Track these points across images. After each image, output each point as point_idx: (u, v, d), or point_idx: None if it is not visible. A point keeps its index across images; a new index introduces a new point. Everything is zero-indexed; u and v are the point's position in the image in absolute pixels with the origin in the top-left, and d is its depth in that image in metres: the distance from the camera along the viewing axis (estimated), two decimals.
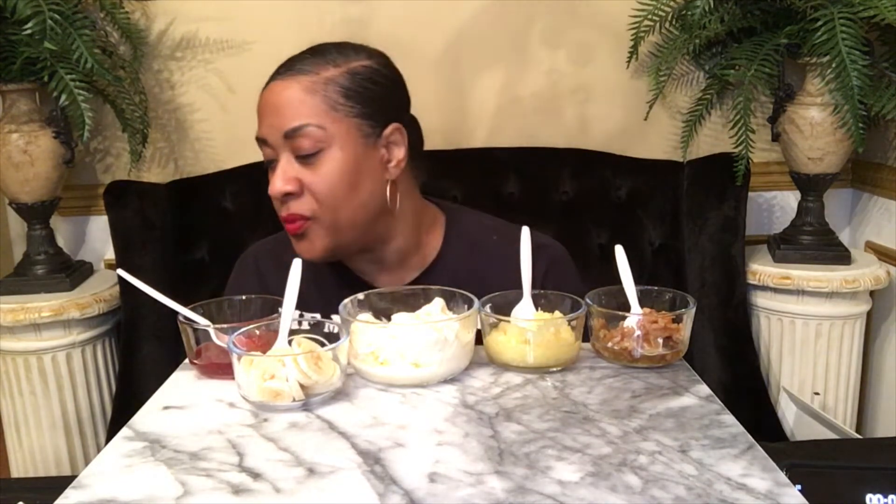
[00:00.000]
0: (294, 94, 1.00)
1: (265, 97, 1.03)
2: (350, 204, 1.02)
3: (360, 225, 1.04)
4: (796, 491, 0.61)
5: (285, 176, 1.00)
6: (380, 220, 1.05)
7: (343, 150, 1.00)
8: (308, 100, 1.00)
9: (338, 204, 1.01)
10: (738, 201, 1.71)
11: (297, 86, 1.01)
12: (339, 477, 0.64)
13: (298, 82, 1.01)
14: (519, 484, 0.62)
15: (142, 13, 1.78)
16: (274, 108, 1.01)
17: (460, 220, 1.15)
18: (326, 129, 1.00)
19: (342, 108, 1.01)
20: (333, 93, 1.01)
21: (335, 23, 1.78)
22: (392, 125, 1.04)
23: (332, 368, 0.77)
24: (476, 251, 1.12)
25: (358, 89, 1.02)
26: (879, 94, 1.53)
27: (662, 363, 0.85)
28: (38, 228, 1.71)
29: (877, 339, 1.86)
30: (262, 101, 1.04)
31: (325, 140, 0.99)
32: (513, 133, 1.84)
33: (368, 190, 1.03)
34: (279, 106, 1.01)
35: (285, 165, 1.01)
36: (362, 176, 1.02)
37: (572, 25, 1.82)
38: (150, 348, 1.64)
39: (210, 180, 1.78)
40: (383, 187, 1.04)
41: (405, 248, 1.10)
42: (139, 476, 0.66)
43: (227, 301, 0.93)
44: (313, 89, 1.00)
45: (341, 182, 1.01)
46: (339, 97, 1.01)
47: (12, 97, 1.63)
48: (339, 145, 1.00)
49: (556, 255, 1.12)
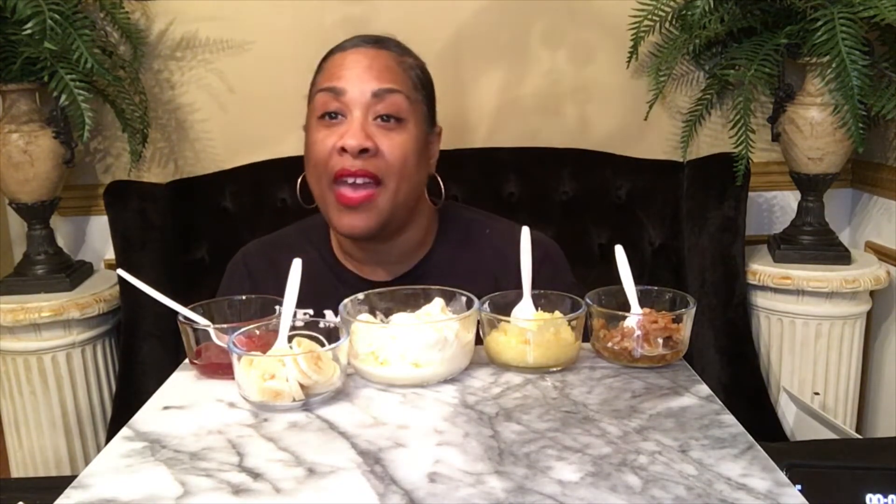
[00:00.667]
0: (388, 62, 1.04)
1: (351, 56, 1.04)
2: (412, 180, 1.04)
3: (409, 206, 1.06)
4: (796, 491, 0.61)
5: (364, 132, 1.00)
6: (412, 208, 1.08)
7: (416, 128, 1.05)
8: (400, 72, 1.04)
9: (406, 174, 1.03)
10: (738, 201, 1.71)
11: (389, 57, 1.05)
12: (339, 477, 0.64)
13: (390, 55, 1.05)
14: (519, 484, 0.62)
15: (142, 13, 1.78)
16: (366, 66, 1.02)
17: (452, 215, 1.17)
18: (411, 104, 1.04)
19: (419, 93, 1.06)
20: (415, 77, 1.06)
21: (335, 23, 1.78)
22: (438, 126, 1.12)
23: (332, 368, 0.77)
24: (467, 245, 1.14)
25: (426, 84, 1.09)
26: (879, 94, 1.53)
27: (662, 363, 0.85)
28: (38, 228, 1.71)
29: (877, 339, 1.86)
30: (345, 59, 1.04)
31: (407, 113, 1.03)
32: (513, 133, 1.84)
33: (422, 175, 1.08)
34: (372, 66, 1.02)
35: (363, 123, 1.01)
36: (421, 160, 1.06)
37: (572, 25, 1.82)
38: (150, 348, 1.64)
39: (210, 180, 1.78)
40: (426, 178, 1.10)
41: (412, 241, 1.12)
42: (139, 476, 0.65)
43: (227, 301, 0.92)
44: (403, 67, 1.05)
45: (412, 156, 1.03)
46: (417, 82, 1.06)
47: (12, 97, 1.63)
48: (415, 123, 1.04)
49: (549, 250, 1.15)
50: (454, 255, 1.13)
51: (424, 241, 1.13)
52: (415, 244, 1.12)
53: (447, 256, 1.13)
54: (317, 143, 1.03)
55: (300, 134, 1.09)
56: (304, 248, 1.14)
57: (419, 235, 1.12)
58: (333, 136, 1.01)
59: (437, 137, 1.13)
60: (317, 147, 1.03)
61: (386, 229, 1.06)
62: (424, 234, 1.13)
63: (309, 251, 1.14)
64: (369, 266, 1.12)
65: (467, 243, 1.14)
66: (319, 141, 1.02)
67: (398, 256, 1.12)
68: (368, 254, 1.11)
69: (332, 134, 1.01)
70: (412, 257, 1.13)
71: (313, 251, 1.15)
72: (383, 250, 1.10)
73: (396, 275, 1.11)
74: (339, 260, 1.14)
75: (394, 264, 1.12)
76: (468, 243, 1.14)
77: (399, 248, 1.11)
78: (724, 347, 1.70)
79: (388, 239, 1.09)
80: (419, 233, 1.12)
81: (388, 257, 1.11)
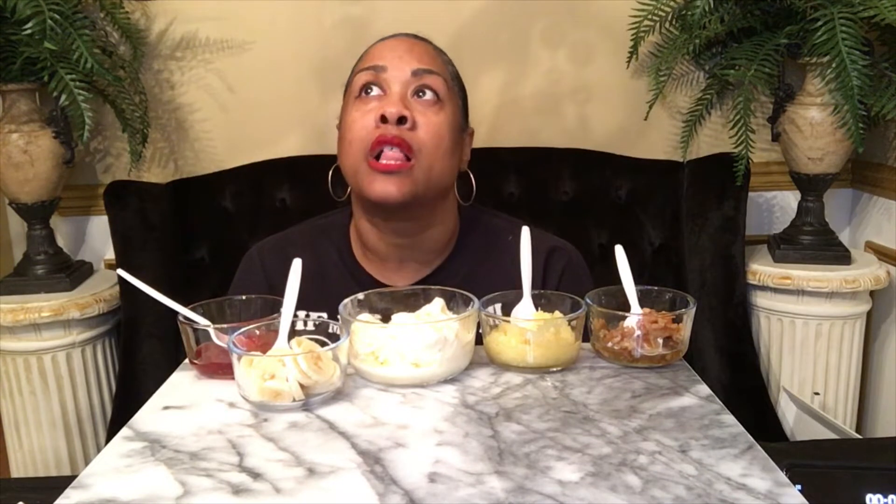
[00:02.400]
0: (429, 49, 1.08)
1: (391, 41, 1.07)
2: (445, 161, 1.04)
3: (440, 188, 1.06)
4: (796, 491, 0.61)
5: (404, 102, 1.01)
6: (442, 199, 1.08)
7: (452, 115, 1.06)
8: (439, 60, 1.07)
9: (440, 154, 1.03)
10: (738, 201, 1.71)
11: (429, 47, 1.08)
12: (339, 477, 0.64)
13: (429, 46, 1.08)
14: (519, 484, 0.62)
15: (142, 13, 1.78)
16: (408, 48, 1.05)
17: (475, 220, 1.15)
18: (448, 89, 1.05)
19: (455, 86, 1.09)
20: (452, 72, 1.09)
21: (335, 23, 1.78)
22: (471, 127, 1.13)
23: (332, 368, 0.77)
24: (488, 253, 1.11)
25: (460, 83, 1.11)
26: (879, 94, 1.53)
27: (662, 363, 0.85)
28: (38, 228, 1.71)
29: (877, 339, 1.86)
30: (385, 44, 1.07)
31: (445, 95, 1.04)
32: (513, 133, 1.84)
33: (454, 163, 1.08)
34: (413, 49, 1.05)
35: (402, 95, 1.02)
36: (455, 148, 1.07)
37: (572, 25, 1.82)
38: (150, 348, 1.64)
39: (210, 180, 1.78)
40: (457, 170, 1.09)
41: (438, 240, 1.11)
42: (139, 476, 0.65)
43: (227, 301, 0.92)
44: (442, 59, 1.09)
45: (447, 138, 1.04)
46: (452, 79, 1.08)
47: (12, 97, 1.63)
48: (451, 110, 1.06)
49: (572, 258, 1.13)
50: (474, 264, 1.11)
51: (447, 244, 1.12)
52: (440, 245, 1.11)
53: (466, 265, 1.11)
54: (356, 122, 1.02)
55: (300, 134, 1.10)
56: (322, 247, 1.14)
57: (445, 236, 1.11)
58: (372, 111, 1.01)
59: (470, 138, 1.14)
60: (356, 125, 1.02)
61: (418, 204, 1.03)
62: (449, 237, 1.12)
63: (329, 250, 1.13)
64: (392, 264, 1.10)
65: (488, 251, 1.12)
66: (358, 119, 1.02)
67: (423, 255, 1.10)
68: (394, 249, 1.08)
69: (370, 110, 1.01)
70: (432, 262, 1.11)
71: (333, 251, 1.13)
72: (409, 245, 1.08)
73: (413, 281, 1.09)
74: (359, 262, 1.12)
75: (415, 266, 1.10)
76: (489, 251, 1.12)
77: (426, 245, 1.09)
78: (724, 347, 1.70)
79: (416, 233, 1.07)
80: (445, 233, 1.11)
81: (413, 254, 1.09)
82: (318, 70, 1.79)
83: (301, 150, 1.79)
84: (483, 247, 1.12)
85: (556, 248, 1.12)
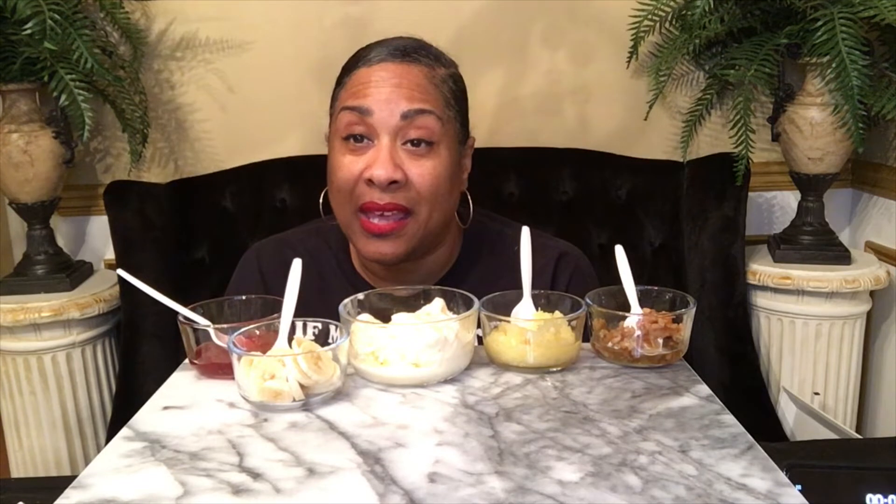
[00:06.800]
0: (419, 79, 0.96)
1: (377, 72, 0.96)
2: (444, 206, 0.99)
3: (440, 229, 1.01)
4: (796, 491, 0.61)
5: (394, 162, 0.94)
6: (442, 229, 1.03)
7: (448, 150, 0.98)
8: (432, 90, 0.97)
9: (437, 202, 0.97)
10: (738, 201, 1.71)
11: (420, 72, 0.96)
12: (339, 477, 0.64)
13: (420, 70, 0.97)
14: (519, 484, 0.62)
15: (142, 13, 1.78)
16: (395, 84, 0.95)
17: (477, 229, 1.12)
18: (443, 125, 0.96)
19: (451, 109, 0.99)
20: (447, 91, 0.99)
21: (335, 23, 1.78)
22: (471, 136, 1.04)
23: (332, 368, 0.77)
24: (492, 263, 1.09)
25: (459, 95, 1.01)
26: (879, 94, 1.53)
27: (662, 363, 0.85)
28: (38, 228, 1.71)
29: (877, 339, 1.86)
30: (371, 75, 0.96)
31: (439, 134, 0.96)
32: (513, 133, 1.84)
33: (454, 197, 1.01)
34: (402, 84, 0.94)
35: (392, 150, 0.94)
36: (455, 180, 1.00)
37: (572, 25, 1.82)
38: (150, 348, 1.64)
39: (210, 180, 1.78)
40: (458, 198, 1.03)
41: (439, 261, 1.08)
42: (139, 476, 0.65)
43: (227, 301, 0.92)
44: (435, 82, 0.97)
45: (444, 182, 0.97)
46: (450, 97, 0.99)
47: (12, 97, 1.63)
48: (447, 144, 0.98)
49: (580, 264, 1.11)
50: (478, 275, 1.08)
51: (449, 257, 1.10)
52: (441, 263, 1.09)
53: (471, 277, 1.08)
54: (342, 168, 0.96)
55: (300, 134, 1.08)
56: (321, 252, 1.12)
57: (446, 254, 1.09)
58: (359, 162, 0.95)
59: (470, 150, 1.06)
60: (342, 173, 0.96)
61: (415, 254, 1.01)
62: (450, 252, 1.10)
63: (327, 256, 1.11)
64: (391, 283, 1.07)
65: (492, 260, 1.09)
66: (345, 166, 0.96)
67: (423, 277, 1.07)
68: (392, 272, 1.06)
69: (357, 160, 0.95)
70: (434, 276, 1.09)
71: (331, 257, 1.11)
72: (409, 269, 1.06)
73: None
74: (357, 270, 1.10)
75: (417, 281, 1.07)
76: (493, 260, 1.09)
77: (426, 268, 1.07)
78: (724, 347, 1.70)
79: (416, 260, 1.05)
80: (446, 252, 1.09)
81: (412, 277, 1.06)
82: (318, 70, 1.79)
83: (301, 150, 1.78)
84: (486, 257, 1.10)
85: (564, 254, 1.09)
